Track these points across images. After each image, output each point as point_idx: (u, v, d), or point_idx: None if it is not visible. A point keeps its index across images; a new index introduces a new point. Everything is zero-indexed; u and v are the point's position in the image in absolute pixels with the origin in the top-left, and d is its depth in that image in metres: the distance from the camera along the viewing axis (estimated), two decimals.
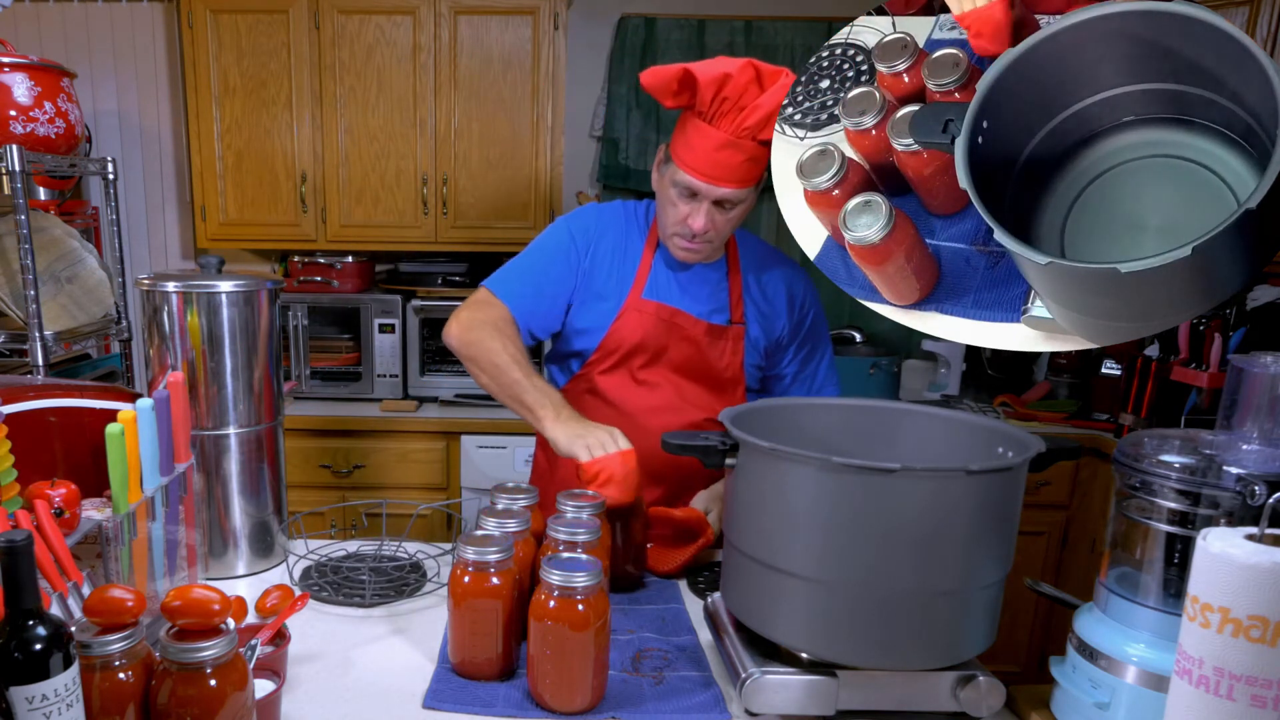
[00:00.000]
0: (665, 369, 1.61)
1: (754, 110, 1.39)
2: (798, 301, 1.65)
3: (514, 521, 1.18)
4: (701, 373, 1.61)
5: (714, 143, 1.41)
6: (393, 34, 2.93)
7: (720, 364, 1.61)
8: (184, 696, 0.80)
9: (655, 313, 1.58)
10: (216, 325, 1.37)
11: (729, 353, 1.61)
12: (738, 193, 1.45)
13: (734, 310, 1.61)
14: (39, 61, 2.14)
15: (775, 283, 1.64)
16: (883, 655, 0.97)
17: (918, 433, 1.17)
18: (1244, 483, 0.85)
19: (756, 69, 1.40)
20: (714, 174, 1.43)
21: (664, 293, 1.59)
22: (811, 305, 1.68)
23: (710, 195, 1.45)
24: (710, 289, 1.61)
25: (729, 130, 1.41)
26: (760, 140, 1.41)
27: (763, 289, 1.63)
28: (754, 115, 1.39)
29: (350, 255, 3.10)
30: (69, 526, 1.04)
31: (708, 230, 1.48)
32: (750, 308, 1.62)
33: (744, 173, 1.43)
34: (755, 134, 1.40)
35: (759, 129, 1.40)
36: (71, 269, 2.35)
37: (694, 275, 1.60)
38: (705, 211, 1.47)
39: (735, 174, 1.43)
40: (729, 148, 1.41)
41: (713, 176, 1.43)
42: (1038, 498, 2.76)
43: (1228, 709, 0.74)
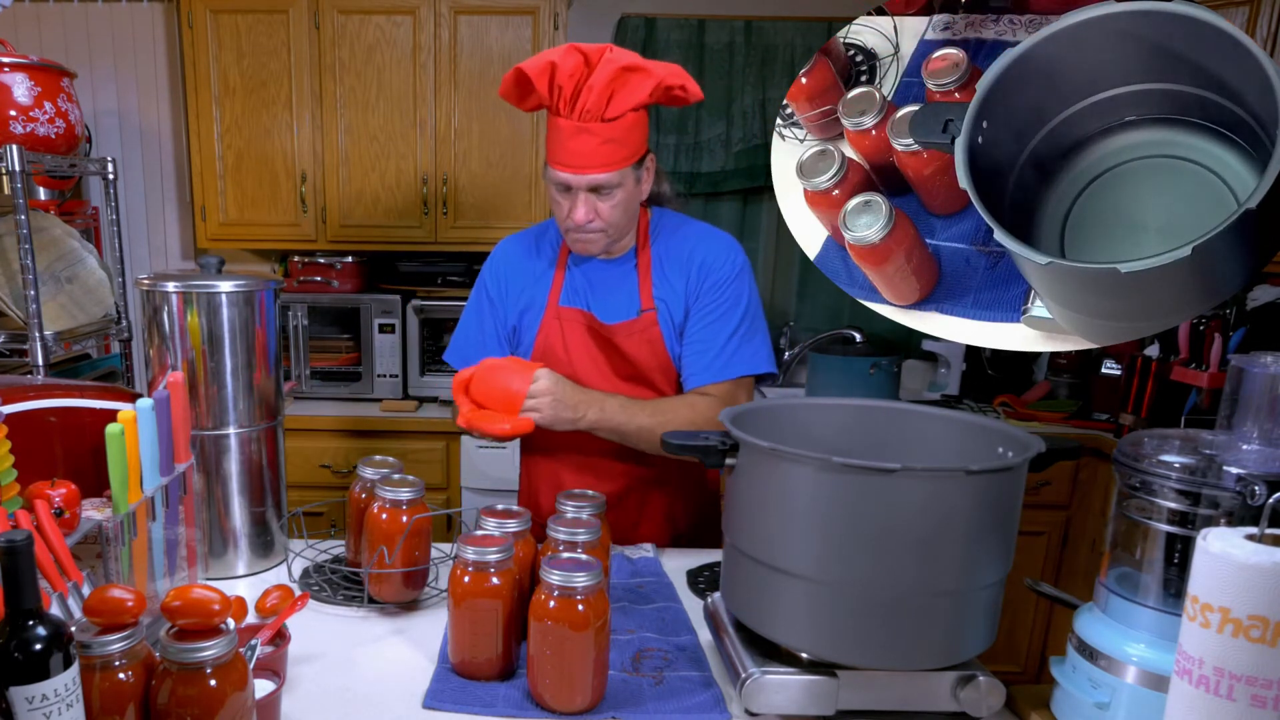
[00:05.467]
0: (600, 371, 1.59)
1: (588, 91, 1.38)
2: (695, 264, 1.56)
3: (514, 521, 1.18)
4: (630, 371, 1.59)
5: (566, 133, 1.41)
6: (393, 34, 2.93)
7: (640, 357, 1.57)
8: (184, 696, 0.80)
9: (572, 317, 1.58)
10: (216, 325, 1.37)
11: (645, 342, 1.57)
12: (607, 176, 1.43)
13: (643, 298, 1.57)
14: (39, 61, 2.14)
15: (685, 248, 1.58)
16: (883, 655, 0.97)
17: (918, 433, 1.17)
18: (1244, 483, 0.85)
19: (582, 52, 1.38)
20: (574, 163, 1.43)
21: (579, 297, 1.59)
22: (726, 267, 1.55)
23: (580, 185, 1.44)
24: (618, 282, 1.59)
25: (574, 117, 1.40)
26: (607, 119, 1.40)
27: (673, 260, 1.58)
28: (589, 96, 1.38)
29: (350, 255, 3.10)
30: (69, 526, 1.04)
31: (591, 219, 1.47)
32: (664, 286, 1.57)
33: (604, 156, 1.42)
34: (600, 115, 1.39)
35: (600, 110, 1.39)
36: (71, 269, 2.35)
37: (604, 273, 1.59)
38: (583, 201, 1.46)
39: (594, 159, 1.42)
40: (580, 134, 1.40)
41: (573, 166, 1.43)
42: (1038, 498, 2.75)
43: (1228, 709, 0.74)
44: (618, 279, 1.59)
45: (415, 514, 1.26)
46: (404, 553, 1.25)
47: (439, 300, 3.04)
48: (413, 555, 1.27)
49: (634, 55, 1.40)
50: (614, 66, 1.37)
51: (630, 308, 1.57)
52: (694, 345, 1.56)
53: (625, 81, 1.38)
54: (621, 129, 1.41)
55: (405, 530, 1.24)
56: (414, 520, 1.25)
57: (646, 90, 1.39)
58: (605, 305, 1.58)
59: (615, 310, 1.58)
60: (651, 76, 1.38)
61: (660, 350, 1.57)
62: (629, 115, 1.40)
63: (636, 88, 1.38)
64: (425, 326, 3.03)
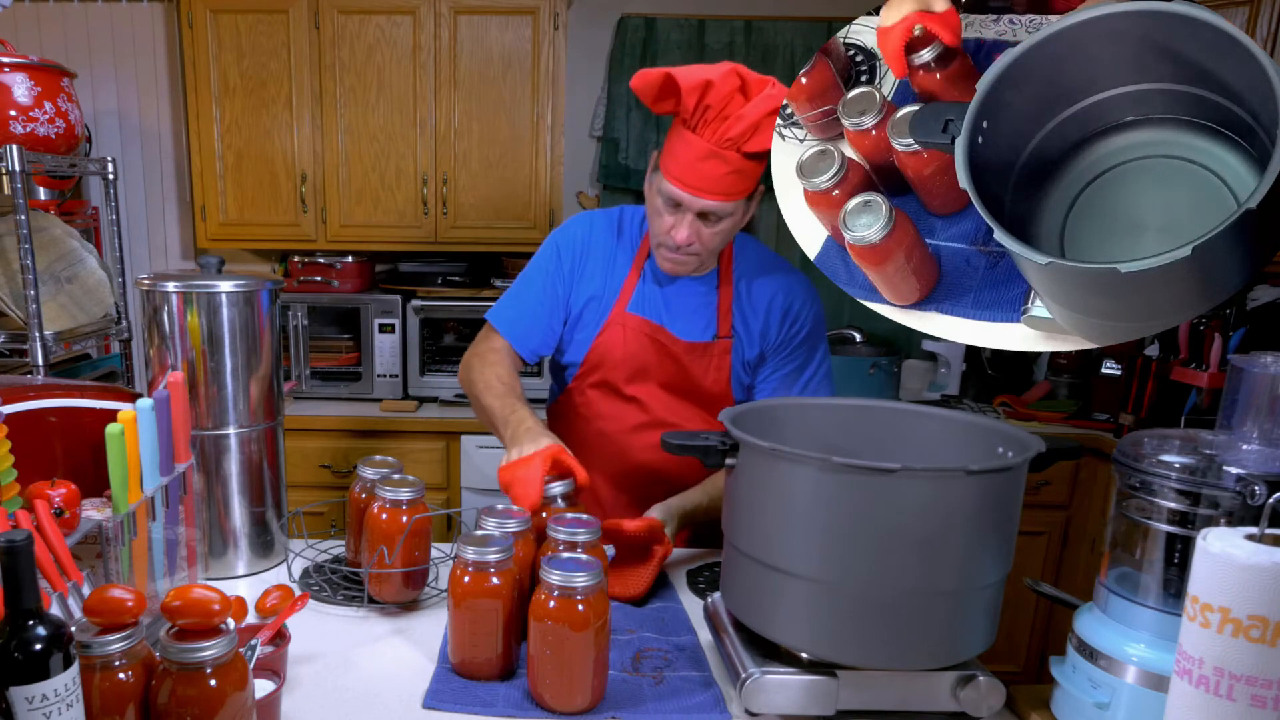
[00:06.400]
0: (652, 384, 1.57)
1: (737, 120, 1.33)
2: (792, 313, 1.57)
3: (514, 521, 1.19)
4: (686, 389, 1.57)
5: (697, 152, 1.37)
6: (393, 34, 2.93)
7: (706, 380, 1.56)
8: (184, 696, 0.80)
9: (639, 328, 1.55)
10: (216, 325, 1.37)
11: (713, 368, 1.56)
12: (722, 206, 1.40)
13: (721, 323, 1.55)
14: (39, 61, 2.14)
15: (767, 292, 1.57)
16: (883, 655, 0.97)
17: (918, 433, 1.17)
18: (1244, 483, 0.85)
19: (741, 77, 1.34)
20: (696, 184, 1.38)
21: (649, 307, 1.56)
22: (807, 319, 1.58)
23: (693, 207, 1.40)
24: (697, 301, 1.56)
25: (711, 140, 1.35)
26: (745, 152, 1.36)
27: (754, 299, 1.57)
28: (737, 126, 1.34)
29: (350, 255, 3.10)
30: (69, 526, 1.04)
31: (691, 243, 1.44)
32: (739, 319, 1.56)
33: (728, 185, 1.38)
34: (739, 145, 1.35)
35: (742, 140, 1.35)
36: (71, 269, 2.35)
37: (681, 288, 1.56)
38: (689, 223, 1.42)
39: (718, 186, 1.38)
40: (712, 158, 1.36)
41: (695, 187, 1.38)
42: (1038, 498, 2.76)
43: (1228, 709, 0.74)
44: (696, 299, 1.56)
45: (415, 514, 1.26)
46: (404, 553, 1.25)
47: (439, 300, 3.04)
48: (413, 555, 1.27)
49: None
50: (773, 103, 1.31)
51: (707, 330, 1.56)
52: (769, 389, 1.57)
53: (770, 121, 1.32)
54: (753, 163, 1.37)
55: (405, 530, 1.24)
56: (414, 520, 1.25)
57: None
58: (681, 323, 1.55)
59: (691, 329, 1.55)
60: None
61: (724, 378, 1.56)
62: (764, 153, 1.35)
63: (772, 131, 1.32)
64: (425, 326, 3.03)
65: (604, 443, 1.60)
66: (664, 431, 1.56)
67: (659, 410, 1.58)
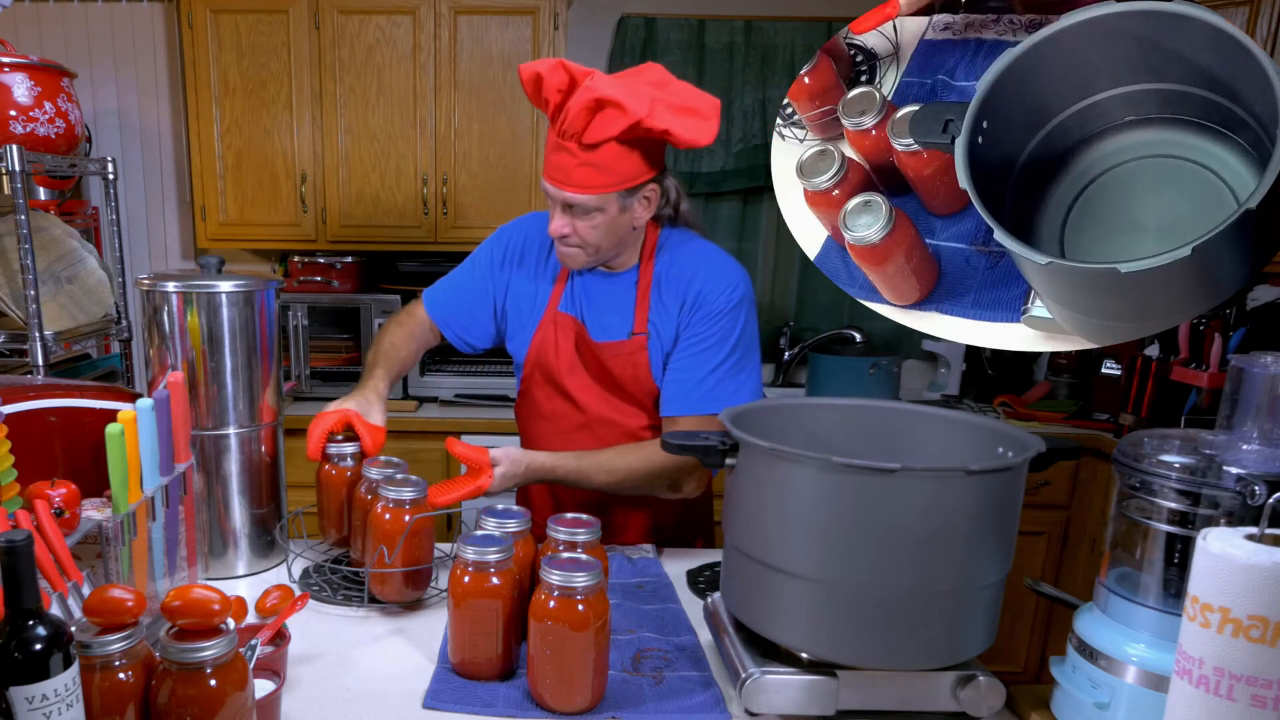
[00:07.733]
0: (585, 380, 1.57)
1: (568, 112, 1.32)
2: (692, 292, 1.49)
3: (514, 521, 1.19)
4: (613, 385, 1.56)
5: (550, 145, 1.39)
6: (393, 34, 2.93)
7: (624, 378, 1.54)
8: (184, 696, 0.80)
9: (568, 326, 1.56)
10: (216, 325, 1.37)
11: (629, 365, 1.53)
12: (582, 198, 1.38)
13: (637, 320, 1.52)
14: (39, 61, 2.14)
15: (679, 279, 1.51)
16: (883, 655, 0.97)
17: (918, 433, 1.17)
18: (1244, 483, 0.85)
19: (568, 71, 1.32)
20: (554, 177, 1.39)
21: (578, 305, 1.56)
22: (711, 300, 1.48)
23: (557, 199, 1.41)
24: (618, 299, 1.54)
25: (555, 133, 1.36)
26: (584, 144, 1.34)
27: (672, 292, 1.51)
28: (568, 118, 1.32)
29: (350, 255, 3.10)
30: (69, 526, 1.04)
31: (567, 234, 1.43)
32: (657, 314, 1.52)
33: (581, 177, 1.36)
34: (579, 138, 1.33)
35: (578, 133, 1.33)
36: (71, 269, 2.35)
37: (605, 286, 1.55)
38: (559, 214, 1.43)
39: (570, 178, 1.37)
40: (559, 151, 1.37)
41: (554, 179, 1.39)
42: (1038, 498, 2.75)
43: (1228, 709, 0.74)
44: (615, 295, 1.55)
45: (417, 514, 1.26)
46: (405, 552, 1.25)
47: None
48: (414, 555, 1.27)
49: (621, 87, 1.32)
50: (589, 96, 1.30)
51: (622, 328, 1.54)
52: (675, 374, 1.51)
53: (600, 112, 1.32)
54: (606, 156, 1.35)
55: (406, 530, 1.24)
56: (415, 520, 1.25)
57: (620, 126, 1.31)
58: (599, 321, 1.55)
59: (607, 328, 1.54)
60: (626, 115, 1.30)
61: (645, 375, 1.54)
62: (612, 144, 1.34)
63: (610, 122, 1.32)
64: None
65: (552, 439, 1.60)
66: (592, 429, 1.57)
67: (595, 406, 1.58)
